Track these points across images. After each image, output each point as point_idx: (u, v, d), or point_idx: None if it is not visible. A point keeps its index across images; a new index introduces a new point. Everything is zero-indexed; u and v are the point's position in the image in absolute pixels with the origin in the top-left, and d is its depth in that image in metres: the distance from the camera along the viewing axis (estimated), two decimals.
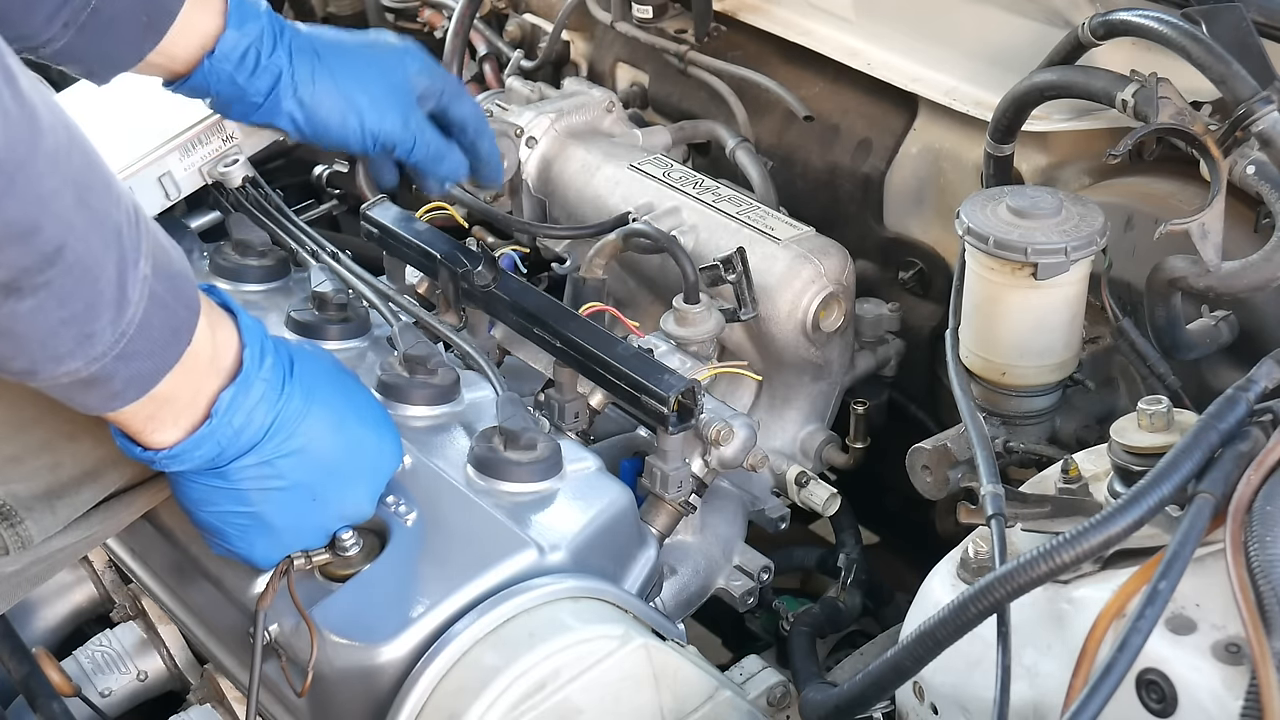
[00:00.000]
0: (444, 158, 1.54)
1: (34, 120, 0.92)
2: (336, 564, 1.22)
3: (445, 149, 1.54)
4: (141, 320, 1.02)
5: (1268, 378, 1.06)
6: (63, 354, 0.99)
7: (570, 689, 1.15)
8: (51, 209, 0.93)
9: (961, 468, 1.39)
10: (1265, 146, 1.28)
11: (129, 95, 1.68)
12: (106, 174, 1.00)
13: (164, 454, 1.12)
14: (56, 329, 0.97)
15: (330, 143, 1.49)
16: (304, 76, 1.44)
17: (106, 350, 1.00)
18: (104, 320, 0.99)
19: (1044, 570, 0.97)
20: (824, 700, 1.16)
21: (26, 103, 0.91)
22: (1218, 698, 0.93)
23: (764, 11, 1.85)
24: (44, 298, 0.95)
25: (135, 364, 1.04)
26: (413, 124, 1.50)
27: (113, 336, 1.00)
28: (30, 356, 0.99)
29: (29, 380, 1.02)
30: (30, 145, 0.91)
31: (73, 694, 1.39)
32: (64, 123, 0.96)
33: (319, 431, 1.17)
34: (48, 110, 0.93)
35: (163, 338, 1.05)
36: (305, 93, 1.45)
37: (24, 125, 0.91)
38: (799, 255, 1.55)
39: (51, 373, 1.00)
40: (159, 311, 1.03)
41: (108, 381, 1.03)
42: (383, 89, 1.48)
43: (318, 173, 1.96)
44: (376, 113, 1.47)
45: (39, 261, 0.93)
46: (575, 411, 1.45)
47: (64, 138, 0.95)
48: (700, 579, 1.45)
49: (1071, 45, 1.41)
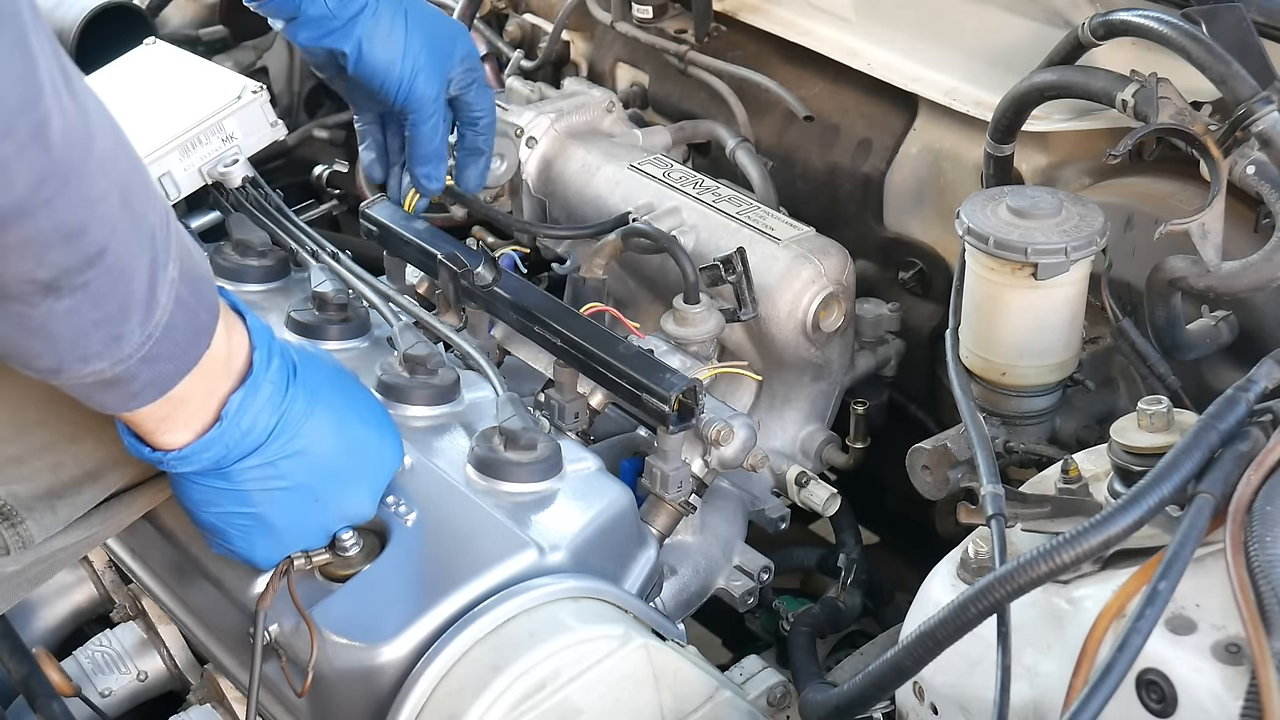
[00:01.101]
0: (437, 153, 1.58)
1: (88, 121, 0.91)
2: (337, 564, 1.22)
3: (442, 148, 1.59)
4: (168, 323, 1.02)
5: (1268, 378, 1.06)
6: (90, 354, 0.99)
7: (570, 689, 1.15)
8: (99, 211, 0.93)
9: (961, 468, 1.39)
10: (1265, 146, 1.29)
11: (129, 95, 1.68)
12: (146, 175, 1.00)
13: (173, 455, 1.12)
14: (88, 329, 0.97)
15: (367, 81, 1.54)
16: (385, 13, 1.51)
17: (133, 352, 1.00)
18: (134, 322, 0.99)
19: (1044, 570, 0.97)
20: (824, 700, 1.16)
21: (81, 104, 0.91)
22: (1218, 698, 0.93)
23: (764, 11, 1.85)
24: (81, 298, 0.95)
25: (158, 366, 1.04)
26: (440, 102, 1.57)
27: (140, 338, 1.00)
28: (58, 355, 0.99)
29: (52, 379, 1.01)
30: (85, 148, 0.91)
31: (73, 694, 1.39)
32: (111, 123, 0.95)
33: (321, 433, 1.17)
34: (98, 111, 0.93)
35: (185, 340, 1.05)
36: (381, 28, 1.51)
37: (80, 127, 0.90)
38: (799, 255, 1.55)
39: (77, 372, 1.00)
40: (183, 314, 1.03)
41: (130, 382, 1.03)
42: (435, 57, 1.55)
43: (318, 173, 1.96)
44: (423, 75, 1.54)
45: (80, 263, 0.93)
46: (575, 411, 1.45)
47: (112, 139, 0.95)
48: (700, 579, 1.45)
49: (1071, 45, 1.42)
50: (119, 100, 1.53)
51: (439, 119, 1.57)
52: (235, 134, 1.64)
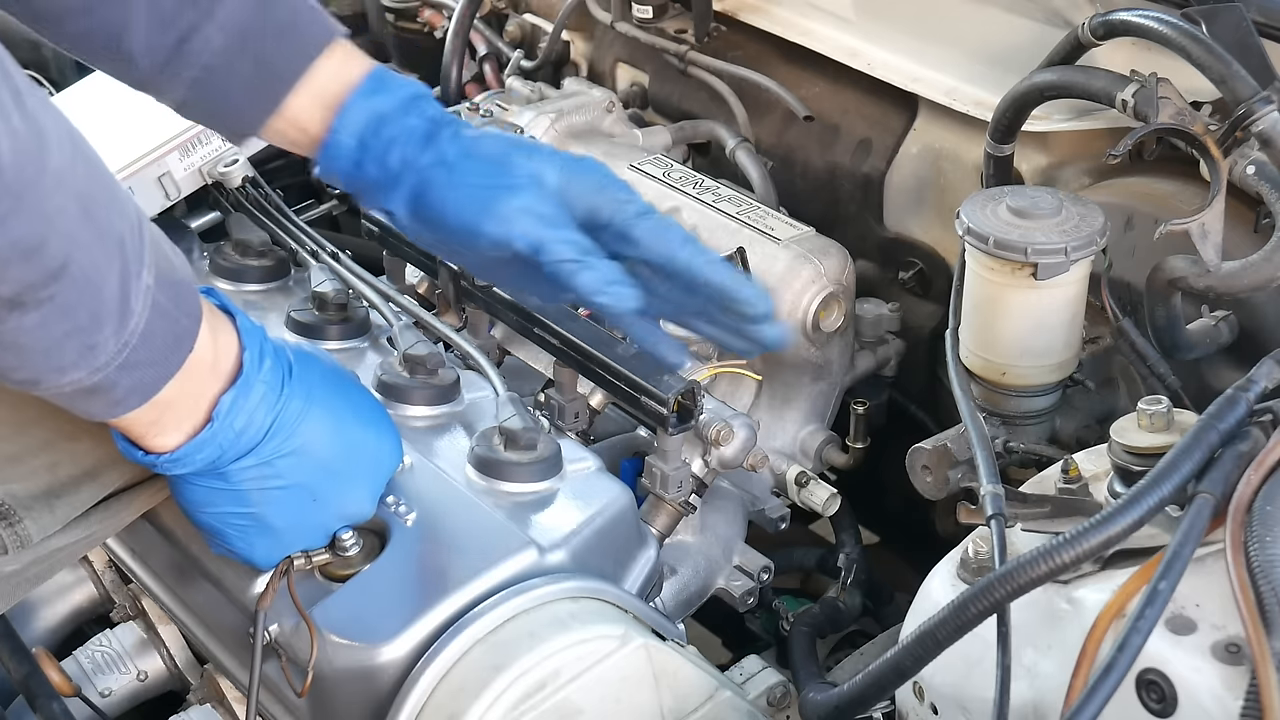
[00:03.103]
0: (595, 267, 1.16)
1: (41, 137, 0.91)
2: (336, 564, 1.22)
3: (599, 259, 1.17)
4: (144, 330, 1.02)
5: (1268, 378, 1.05)
6: (66, 365, 0.99)
7: (570, 689, 1.15)
8: (57, 225, 0.93)
9: (961, 468, 1.39)
10: (1265, 146, 1.29)
11: (129, 95, 1.68)
12: (111, 184, 1.00)
13: (166, 458, 1.12)
14: (60, 341, 0.97)
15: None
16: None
17: (110, 360, 1.01)
18: (107, 331, 0.99)
19: (1044, 570, 0.97)
20: (824, 700, 1.16)
21: (33, 120, 0.90)
22: (1218, 698, 0.93)
23: (764, 11, 1.85)
24: (48, 311, 0.95)
25: (138, 373, 1.04)
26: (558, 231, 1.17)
27: (116, 346, 1.00)
28: (34, 368, 0.99)
29: (32, 389, 1.02)
30: (38, 164, 0.91)
31: (73, 694, 1.39)
32: (69, 134, 0.95)
33: (318, 432, 1.17)
34: (53, 124, 0.93)
35: (165, 346, 1.05)
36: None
37: (31, 143, 0.90)
38: (799, 255, 1.55)
39: (55, 383, 1.01)
40: (161, 320, 1.03)
41: (110, 390, 1.03)
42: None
43: (318, 173, 1.96)
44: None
45: (44, 277, 0.93)
46: (575, 411, 1.45)
47: (69, 151, 0.94)
48: (700, 579, 1.45)
49: (1071, 45, 1.41)
50: (119, 101, 1.52)
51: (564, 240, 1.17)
52: None
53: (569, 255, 1.14)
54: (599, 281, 1.14)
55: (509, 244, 1.14)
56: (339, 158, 1.19)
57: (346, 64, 1.20)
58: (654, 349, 1.22)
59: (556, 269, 1.14)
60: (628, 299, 1.15)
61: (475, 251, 1.18)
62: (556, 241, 1.14)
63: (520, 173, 1.16)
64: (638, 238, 1.17)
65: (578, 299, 1.18)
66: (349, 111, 1.18)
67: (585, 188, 1.17)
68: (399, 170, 1.17)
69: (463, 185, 1.16)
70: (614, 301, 1.15)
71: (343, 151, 1.19)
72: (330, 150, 1.19)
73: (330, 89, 1.19)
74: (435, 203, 1.16)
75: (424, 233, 1.20)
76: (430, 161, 1.17)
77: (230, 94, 1.19)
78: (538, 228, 1.14)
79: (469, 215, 1.15)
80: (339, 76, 1.19)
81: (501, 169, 1.16)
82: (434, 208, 1.17)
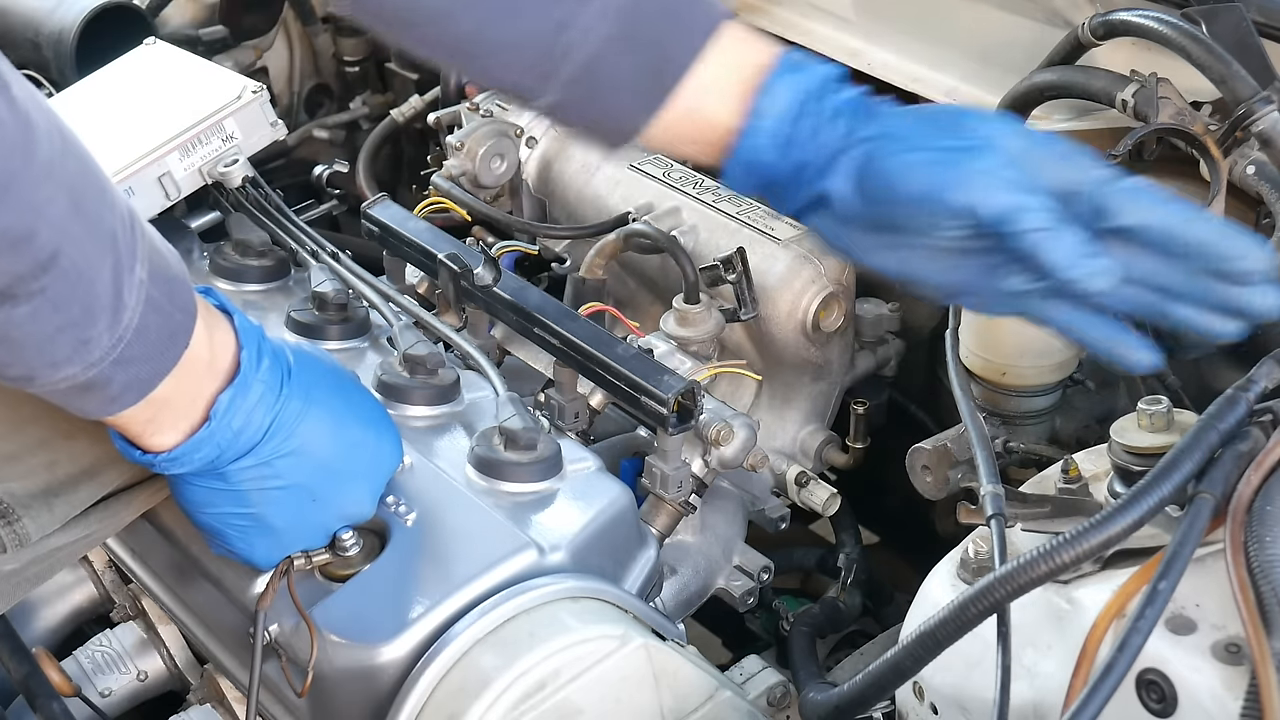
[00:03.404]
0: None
1: (28, 128, 0.92)
2: (336, 564, 1.22)
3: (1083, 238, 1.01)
4: (138, 325, 1.02)
5: (1268, 378, 1.05)
6: (59, 360, 0.99)
7: (570, 689, 1.15)
8: (46, 216, 0.93)
9: (961, 468, 1.39)
10: (1265, 146, 1.29)
11: (129, 95, 1.68)
12: (101, 179, 1.00)
13: (163, 457, 1.12)
14: (53, 335, 0.97)
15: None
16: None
17: (103, 355, 1.01)
18: (100, 325, 0.99)
19: (1044, 570, 0.97)
20: (824, 700, 1.16)
21: (20, 110, 0.91)
22: (1218, 698, 0.93)
23: (764, 11, 1.85)
24: (40, 304, 0.95)
25: (132, 369, 1.04)
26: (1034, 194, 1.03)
27: (109, 342, 1.00)
28: (27, 363, 0.99)
29: (26, 386, 1.02)
30: (25, 153, 0.91)
31: (73, 694, 1.39)
32: (58, 128, 0.95)
33: (317, 432, 1.17)
34: (42, 116, 0.93)
35: (159, 342, 1.05)
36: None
37: (18, 133, 0.91)
38: (799, 255, 1.55)
39: (49, 378, 1.01)
40: (155, 316, 1.03)
41: (105, 386, 1.03)
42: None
43: (317, 173, 1.96)
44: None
45: (33, 268, 0.93)
46: (575, 411, 1.45)
47: (58, 144, 0.95)
48: (700, 579, 1.45)
49: (1071, 45, 1.41)
50: (119, 100, 1.53)
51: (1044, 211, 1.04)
52: (235, 134, 1.64)
53: (1041, 223, 1.00)
54: (1073, 253, 0.99)
55: (973, 211, 1.01)
56: (762, 146, 1.07)
57: (748, 44, 1.09)
58: (1112, 351, 1.04)
59: (1022, 240, 1.00)
60: (1104, 271, 1.00)
61: (926, 233, 1.04)
62: (1027, 209, 1.00)
63: (979, 135, 1.04)
64: (1117, 207, 1.01)
65: (1044, 277, 1.01)
66: (770, 93, 1.07)
67: (1050, 154, 1.04)
68: (840, 145, 1.06)
69: (918, 149, 1.04)
70: (1087, 276, 0.99)
71: (768, 137, 1.07)
72: (751, 138, 1.08)
73: (740, 72, 1.08)
74: (887, 172, 1.04)
75: (869, 212, 1.06)
76: (876, 131, 1.06)
77: (616, 88, 1.08)
78: (1007, 192, 1.01)
79: (927, 182, 1.03)
80: (747, 58, 1.08)
81: (958, 131, 1.04)
82: (885, 178, 1.04)
